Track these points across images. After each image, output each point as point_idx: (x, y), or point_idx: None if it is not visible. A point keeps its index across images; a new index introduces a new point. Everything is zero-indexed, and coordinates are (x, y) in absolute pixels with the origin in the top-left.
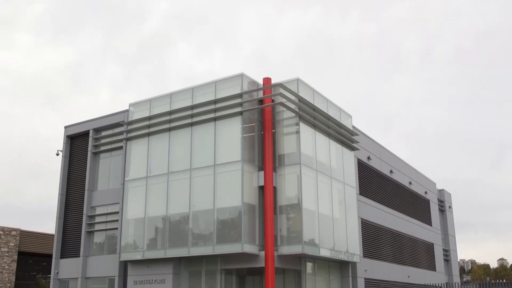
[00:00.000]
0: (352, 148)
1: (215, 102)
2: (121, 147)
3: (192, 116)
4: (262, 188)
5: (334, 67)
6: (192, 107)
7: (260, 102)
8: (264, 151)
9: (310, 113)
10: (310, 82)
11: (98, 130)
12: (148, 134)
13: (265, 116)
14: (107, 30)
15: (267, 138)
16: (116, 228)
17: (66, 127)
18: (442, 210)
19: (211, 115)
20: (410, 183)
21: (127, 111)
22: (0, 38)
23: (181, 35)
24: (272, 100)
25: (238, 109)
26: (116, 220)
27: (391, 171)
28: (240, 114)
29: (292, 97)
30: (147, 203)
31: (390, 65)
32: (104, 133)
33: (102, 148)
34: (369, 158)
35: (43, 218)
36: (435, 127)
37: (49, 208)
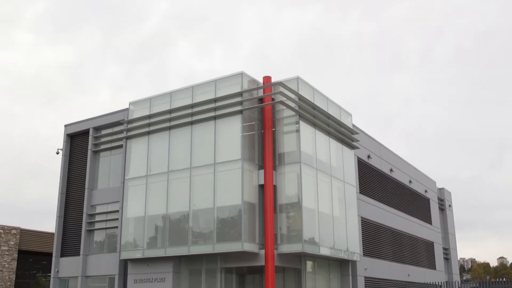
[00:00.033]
0: (352, 147)
1: (215, 100)
2: (121, 146)
3: (192, 114)
4: (262, 187)
5: (334, 66)
6: (192, 106)
7: (260, 100)
8: (264, 150)
9: (310, 111)
10: (310, 80)
11: (98, 129)
12: (148, 133)
13: (265, 115)
14: (107, 29)
15: (267, 137)
16: (116, 227)
17: (66, 126)
18: (442, 209)
19: (211, 114)
20: (410, 181)
21: (127, 109)
22: None
23: (181, 34)
24: (272, 99)
25: (238, 107)
26: (116, 219)
27: (391, 170)
28: (240, 112)
29: (292, 95)
30: (147, 202)
31: (390, 64)
32: (104, 131)
33: (102, 146)
34: (369, 157)
35: (43, 217)
36: (435, 126)
37: (49, 207)
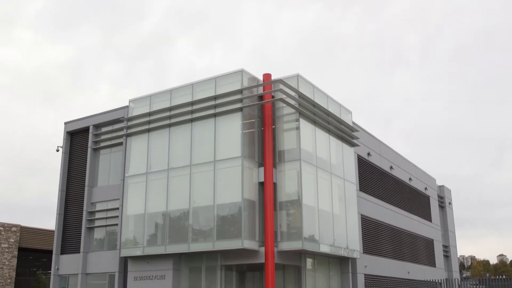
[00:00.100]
0: (352, 144)
1: (215, 98)
2: (121, 143)
3: (192, 112)
4: (262, 184)
5: (334, 64)
6: (192, 103)
7: (260, 98)
8: (264, 147)
9: (310, 109)
10: (310, 78)
11: (98, 126)
12: (148, 130)
13: (265, 112)
14: (107, 26)
15: (267, 134)
16: (116, 224)
17: (66, 123)
18: (442, 206)
19: (211, 111)
20: (410, 179)
21: (127, 107)
22: None
23: (181, 32)
24: (272, 96)
25: (238, 105)
26: (116, 216)
27: (391, 167)
28: (240, 110)
29: (292, 93)
30: (147, 199)
31: (390, 62)
32: (104, 129)
33: (102, 144)
34: (369, 154)
35: (43, 214)
36: (435, 123)
37: (49, 204)
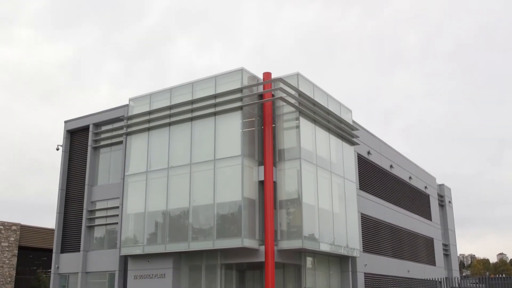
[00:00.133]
0: (352, 143)
1: (215, 96)
2: (121, 142)
3: (192, 110)
4: (262, 183)
5: (334, 62)
6: (192, 102)
7: (260, 96)
8: (264, 146)
9: (310, 107)
10: (310, 77)
11: (98, 125)
12: (148, 129)
13: (265, 111)
14: (107, 25)
15: (267, 133)
16: (116, 223)
17: (66, 122)
18: (442, 205)
19: (211, 110)
20: (410, 178)
21: (127, 105)
22: None
23: (181, 30)
24: (272, 95)
25: (238, 103)
26: (116, 215)
27: (391, 166)
28: (240, 108)
29: (292, 91)
30: (147, 198)
31: (390, 60)
32: (104, 127)
33: (102, 143)
34: (369, 153)
35: (44, 213)
36: (435, 122)
37: (49, 203)
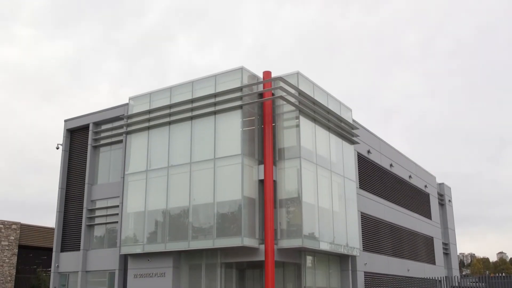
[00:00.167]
0: (352, 142)
1: (215, 95)
2: (121, 141)
3: (192, 109)
4: (262, 182)
5: (334, 61)
6: (192, 101)
7: (260, 95)
8: (264, 145)
9: (310, 106)
10: (310, 76)
11: (98, 124)
12: (148, 128)
13: (265, 110)
14: (107, 23)
15: (267, 132)
16: (116, 222)
17: (66, 121)
18: (442, 204)
19: (211, 109)
20: (410, 177)
21: (127, 104)
22: None
23: (181, 29)
24: (272, 94)
25: (238, 102)
26: (116, 214)
27: (391, 165)
28: (240, 107)
29: (292, 90)
30: (147, 197)
31: (390, 59)
32: (104, 126)
33: (102, 141)
34: (369, 152)
35: (44, 212)
36: (435, 121)
37: (49, 202)
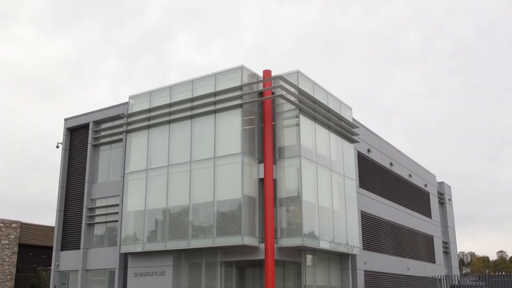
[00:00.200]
0: (352, 141)
1: (215, 94)
2: (121, 140)
3: (192, 108)
4: (262, 181)
5: (334, 60)
6: (192, 100)
7: (260, 94)
8: (264, 144)
9: (310, 105)
10: (311, 74)
11: (98, 123)
12: (148, 127)
13: (265, 109)
14: (107, 23)
15: (267, 131)
16: (116, 221)
17: (66, 120)
18: (442, 203)
19: (211, 108)
20: (410, 175)
21: (127, 103)
22: None
23: (181, 28)
24: (272, 93)
25: (238, 101)
26: (116, 213)
27: (391, 164)
28: (240, 106)
29: (292, 89)
30: (147, 196)
31: (390, 58)
32: (104, 125)
33: (102, 140)
34: (369, 151)
35: (44, 211)
36: (435, 120)
37: (49, 201)
